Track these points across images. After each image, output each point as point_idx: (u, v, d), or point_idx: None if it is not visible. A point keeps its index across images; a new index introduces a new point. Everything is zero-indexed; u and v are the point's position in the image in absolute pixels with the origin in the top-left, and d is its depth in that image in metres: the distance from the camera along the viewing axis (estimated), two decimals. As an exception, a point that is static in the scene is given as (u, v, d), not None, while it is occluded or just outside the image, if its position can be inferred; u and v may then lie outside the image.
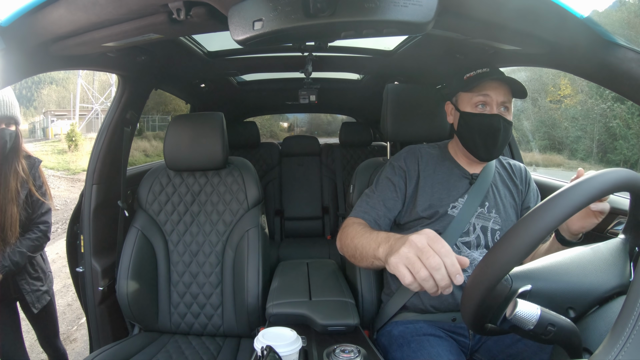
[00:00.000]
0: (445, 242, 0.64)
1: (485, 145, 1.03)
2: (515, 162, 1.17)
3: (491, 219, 1.05)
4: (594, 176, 0.53)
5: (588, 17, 0.70)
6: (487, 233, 1.04)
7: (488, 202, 1.06)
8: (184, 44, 1.39)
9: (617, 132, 7.87)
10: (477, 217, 1.04)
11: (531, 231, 0.51)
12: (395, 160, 1.11)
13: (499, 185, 1.10)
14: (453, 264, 0.61)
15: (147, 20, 0.83)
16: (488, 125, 1.01)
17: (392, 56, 1.64)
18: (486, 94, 1.01)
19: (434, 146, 1.16)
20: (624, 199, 1.11)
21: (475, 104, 1.03)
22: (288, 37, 0.82)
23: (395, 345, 0.97)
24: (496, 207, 1.06)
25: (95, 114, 18.16)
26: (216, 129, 1.32)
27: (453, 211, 1.04)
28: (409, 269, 0.63)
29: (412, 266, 0.63)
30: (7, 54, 0.86)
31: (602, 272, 0.59)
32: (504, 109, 1.02)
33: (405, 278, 0.63)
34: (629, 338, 0.41)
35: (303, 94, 1.88)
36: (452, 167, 1.10)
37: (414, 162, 1.09)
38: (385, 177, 1.09)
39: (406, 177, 1.08)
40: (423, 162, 1.09)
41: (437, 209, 1.04)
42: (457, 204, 1.05)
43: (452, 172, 1.09)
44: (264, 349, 0.75)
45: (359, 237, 0.89)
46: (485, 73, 1.02)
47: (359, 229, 0.93)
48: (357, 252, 0.88)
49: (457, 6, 0.77)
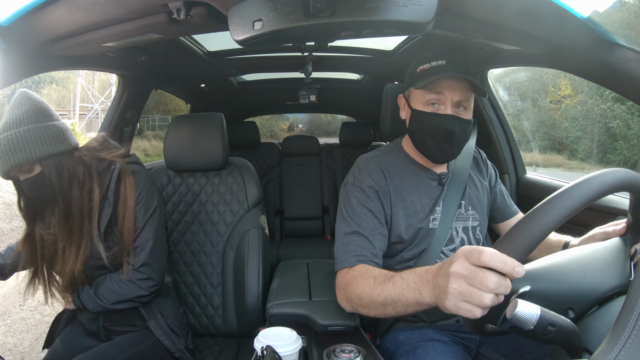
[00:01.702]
0: (483, 247, 0.56)
1: (439, 148, 0.93)
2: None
3: (469, 217, 1.01)
4: (594, 176, 0.53)
5: (588, 17, 0.70)
6: (469, 232, 1.00)
7: (464, 200, 1.01)
8: (184, 44, 1.39)
9: (617, 133, 7.87)
10: (456, 220, 0.99)
11: (531, 231, 0.52)
12: (360, 180, 0.97)
13: (473, 178, 1.05)
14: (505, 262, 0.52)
15: (147, 20, 0.84)
16: (440, 127, 0.91)
17: (392, 56, 1.64)
18: (439, 92, 0.90)
19: (388, 150, 1.05)
20: (624, 199, 1.11)
21: (427, 102, 0.92)
22: (288, 37, 0.82)
23: (402, 351, 0.95)
24: (471, 203, 1.02)
25: (95, 113, 18.16)
26: (216, 129, 1.32)
27: (434, 224, 0.96)
28: (470, 303, 0.55)
29: (472, 298, 0.55)
30: (7, 54, 0.87)
31: (602, 272, 0.59)
32: (461, 108, 0.92)
33: (475, 313, 0.55)
34: (629, 338, 0.41)
35: (303, 94, 1.88)
36: (416, 170, 1.00)
37: (380, 176, 0.97)
38: (359, 205, 0.94)
39: (379, 196, 0.95)
40: (387, 173, 0.98)
41: (418, 225, 0.95)
42: (436, 215, 0.97)
43: (418, 177, 0.99)
44: (264, 349, 0.75)
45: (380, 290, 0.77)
46: (440, 67, 0.90)
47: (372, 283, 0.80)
48: (387, 307, 0.76)
49: (457, 6, 0.77)
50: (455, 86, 0.89)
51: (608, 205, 1.12)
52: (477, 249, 0.55)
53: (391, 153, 1.04)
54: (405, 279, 0.73)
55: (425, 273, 0.68)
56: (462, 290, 0.56)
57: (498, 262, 0.53)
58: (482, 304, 0.54)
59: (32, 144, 0.87)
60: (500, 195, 1.12)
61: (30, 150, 0.87)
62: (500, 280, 0.53)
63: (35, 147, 0.88)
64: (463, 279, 0.56)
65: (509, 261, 0.52)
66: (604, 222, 0.85)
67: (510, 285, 0.54)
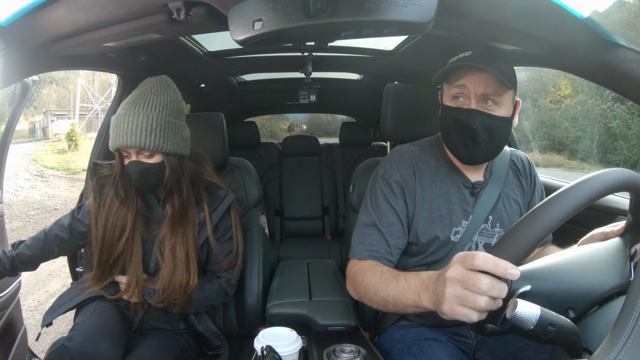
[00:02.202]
0: (477, 251, 0.56)
1: (465, 146, 0.88)
2: (519, 154, 1.03)
3: (495, 234, 0.94)
4: (595, 176, 0.53)
5: (588, 17, 0.70)
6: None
7: (493, 215, 0.94)
8: (184, 44, 1.39)
9: (617, 133, 7.87)
10: (479, 234, 0.94)
11: (530, 232, 0.52)
12: (389, 174, 0.95)
13: (507, 192, 0.97)
14: (497, 265, 0.53)
15: (147, 20, 0.83)
16: (462, 122, 0.86)
17: (392, 56, 1.64)
18: (462, 85, 0.85)
19: (426, 145, 1.00)
20: (624, 199, 1.11)
21: (452, 97, 0.88)
22: (288, 37, 0.82)
23: (396, 349, 0.96)
24: (501, 220, 0.94)
25: (95, 113, 18.17)
26: (216, 129, 1.32)
27: (456, 237, 0.92)
28: (466, 306, 0.56)
29: (467, 302, 0.55)
30: (7, 54, 0.87)
31: (602, 272, 0.59)
32: (489, 102, 0.85)
33: (471, 316, 0.55)
34: (629, 338, 0.41)
35: (303, 94, 1.88)
36: (449, 172, 0.95)
37: (409, 174, 0.94)
38: (383, 200, 0.93)
39: (404, 193, 0.93)
40: (418, 171, 0.94)
41: (437, 233, 0.92)
42: (460, 228, 0.92)
43: (451, 180, 0.95)
44: (264, 349, 0.75)
45: (384, 286, 0.79)
46: (464, 59, 0.85)
47: (378, 278, 0.82)
48: (388, 304, 0.79)
49: (457, 6, 0.77)
50: (480, 78, 0.83)
51: (608, 205, 1.12)
52: (471, 254, 0.56)
53: (429, 149, 0.99)
54: (408, 280, 0.74)
55: (427, 278, 0.70)
56: (457, 294, 0.57)
57: (490, 264, 0.53)
58: (477, 307, 0.54)
59: (169, 136, 0.94)
60: None
61: (165, 141, 0.94)
62: (494, 282, 0.53)
63: (170, 140, 0.95)
64: (458, 283, 0.57)
65: (502, 263, 0.53)
66: (604, 222, 0.85)
67: (506, 288, 0.54)
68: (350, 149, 2.72)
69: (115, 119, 0.93)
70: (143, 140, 0.91)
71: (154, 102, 0.93)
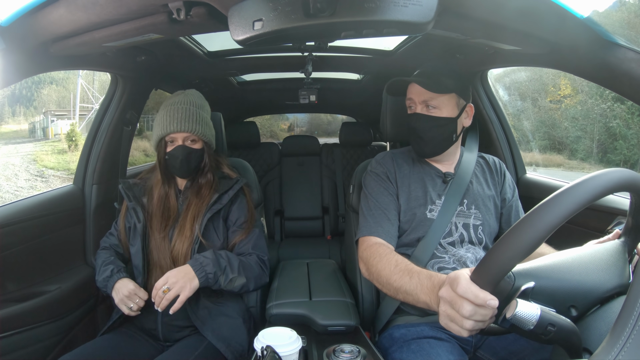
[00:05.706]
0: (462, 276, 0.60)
1: (416, 142, 1.10)
2: (489, 156, 1.22)
3: (471, 215, 1.08)
4: (595, 176, 0.53)
5: (588, 17, 0.70)
6: (470, 229, 1.06)
7: (467, 199, 1.09)
8: (184, 44, 1.39)
9: (617, 132, 7.87)
10: (457, 215, 1.07)
11: (531, 231, 0.51)
12: (375, 168, 1.14)
13: (476, 179, 1.13)
14: (477, 296, 0.57)
15: (147, 20, 0.83)
16: (410, 123, 1.09)
17: (392, 56, 1.64)
18: (409, 98, 1.09)
19: (404, 150, 1.20)
20: (624, 199, 1.11)
21: (408, 106, 1.12)
22: (288, 37, 0.82)
23: (395, 347, 0.97)
24: (475, 203, 1.09)
25: (95, 113, 18.15)
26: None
27: (432, 214, 1.06)
28: (456, 324, 0.62)
29: (455, 321, 0.62)
30: (7, 54, 0.87)
31: (604, 272, 0.59)
32: (429, 107, 1.05)
33: (462, 333, 0.61)
34: (629, 338, 0.41)
35: (303, 94, 1.88)
36: (424, 166, 1.14)
37: (391, 165, 1.13)
38: (377, 185, 1.10)
39: (389, 178, 1.11)
40: (398, 165, 1.14)
41: (414, 211, 1.07)
42: (435, 206, 1.07)
43: (425, 171, 1.12)
44: (264, 349, 0.75)
45: (397, 277, 0.87)
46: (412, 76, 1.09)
47: (393, 268, 0.90)
48: (399, 294, 0.87)
49: (457, 6, 0.77)
50: (419, 89, 1.06)
51: (608, 205, 1.12)
52: (457, 279, 0.60)
53: (407, 153, 1.18)
54: (421, 280, 0.80)
55: (437, 285, 0.74)
56: (448, 313, 0.63)
57: (470, 295, 0.57)
58: (464, 327, 0.60)
59: (208, 127, 1.17)
60: (515, 212, 1.14)
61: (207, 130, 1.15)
62: (476, 309, 0.57)
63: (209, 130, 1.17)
64: (447, 304, 0.63)
65: (481, 295, 0.56)
66: (604, 222, 0.85)
67: (490, 313, 0.57)
68: (350, 149, 2.72)
69: (165, 111, 1.11)
70: (194, 126, 1.10)
71: (195, 102, 1.14)
